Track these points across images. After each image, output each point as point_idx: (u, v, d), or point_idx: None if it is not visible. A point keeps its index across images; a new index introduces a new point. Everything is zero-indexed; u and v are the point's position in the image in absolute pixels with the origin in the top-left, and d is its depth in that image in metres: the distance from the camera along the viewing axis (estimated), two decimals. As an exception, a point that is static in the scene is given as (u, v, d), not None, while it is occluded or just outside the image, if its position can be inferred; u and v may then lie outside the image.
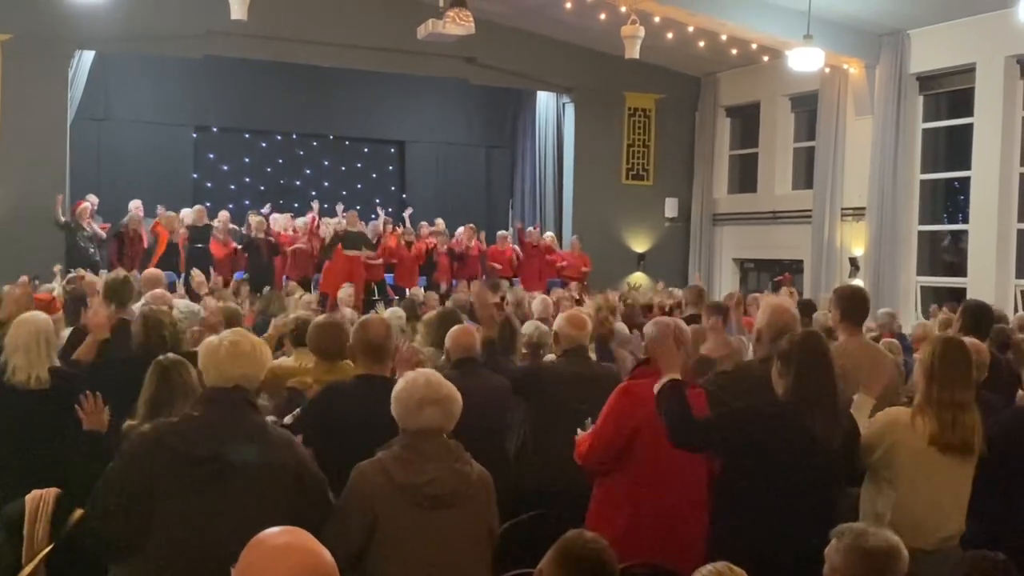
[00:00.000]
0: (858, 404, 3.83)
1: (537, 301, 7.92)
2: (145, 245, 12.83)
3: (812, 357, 3.49)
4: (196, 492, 2.89)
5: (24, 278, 8.95)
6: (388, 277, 14.22)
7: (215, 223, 13.41)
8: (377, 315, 4.45)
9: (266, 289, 10.99)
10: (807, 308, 8.58)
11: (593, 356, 5.22)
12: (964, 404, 3.51)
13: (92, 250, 12.67)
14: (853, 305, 4.74)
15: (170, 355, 3.99)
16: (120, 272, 5.85)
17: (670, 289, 12.91)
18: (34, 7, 12.31)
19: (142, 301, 6.04)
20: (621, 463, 3.87)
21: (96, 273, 10.50)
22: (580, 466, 3.99)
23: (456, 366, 4.58)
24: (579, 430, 4.05)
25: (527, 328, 6.10)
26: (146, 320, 4.85)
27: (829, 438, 3.41)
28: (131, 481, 2.93)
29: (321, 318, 5.01)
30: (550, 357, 5.35)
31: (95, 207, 13.30)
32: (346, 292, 9.97)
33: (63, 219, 12.72)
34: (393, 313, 7.47)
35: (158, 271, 8.08)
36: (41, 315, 4.77)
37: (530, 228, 15.79)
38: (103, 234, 13.07)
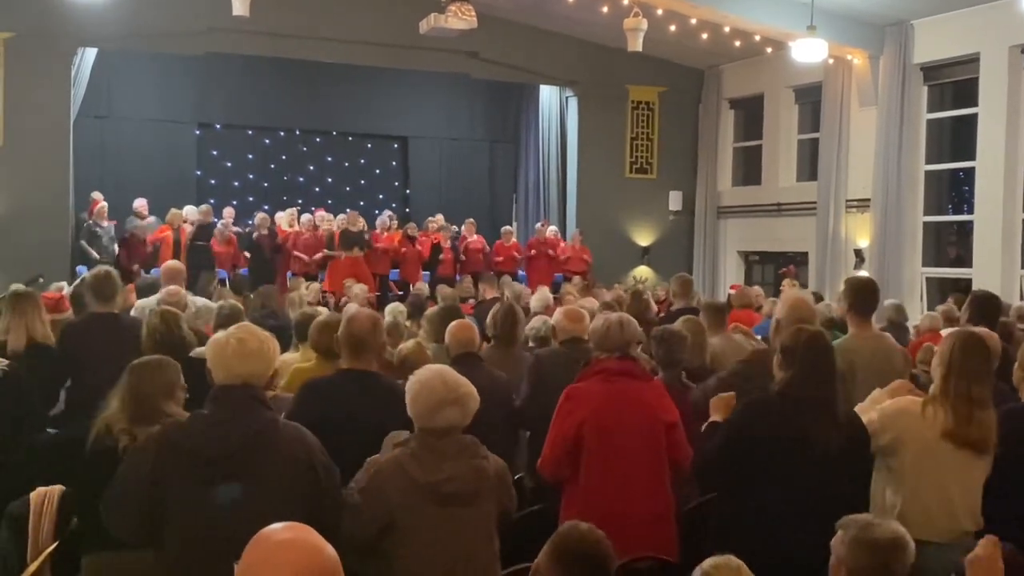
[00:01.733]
0: (868, 401, 3.78)
1: (535, 297, 7.87)
2: (149, 249, 12.81)
3: (815, 356, 3.47)
4: (207, 491, 2.88)
5: None
6: (393, 273, 14.22)
7: (219, 221, 13.42)
8: (363, 309, 4.42)
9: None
10: (815, 300, 8.47)
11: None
12: (981, 400, 3.48)
13: (108, 248, 12.70)
14: (862, 297, 4.74)
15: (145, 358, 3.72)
16: (102, 268, 5.81)
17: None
18: (36, 5, 12.30)
19: (160, 294, 6.09)
20: (577, 465, 3.88)
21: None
22: (544, 477, 4.02)
23: (456, 361, 4.59)
24: None
25: (535, 323, 6.17)
26: (149, 320, 4.84)
27: (825, 438, 3.38)
28: (140, 480, 2.92)
29: (324, 316, 5.01)
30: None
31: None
32: (360, 288, 9.67)
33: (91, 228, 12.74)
34: (394, 308, 7.44)
35: (179, 264, 7.82)
36: None
37: (538, 225, 15.76)
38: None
